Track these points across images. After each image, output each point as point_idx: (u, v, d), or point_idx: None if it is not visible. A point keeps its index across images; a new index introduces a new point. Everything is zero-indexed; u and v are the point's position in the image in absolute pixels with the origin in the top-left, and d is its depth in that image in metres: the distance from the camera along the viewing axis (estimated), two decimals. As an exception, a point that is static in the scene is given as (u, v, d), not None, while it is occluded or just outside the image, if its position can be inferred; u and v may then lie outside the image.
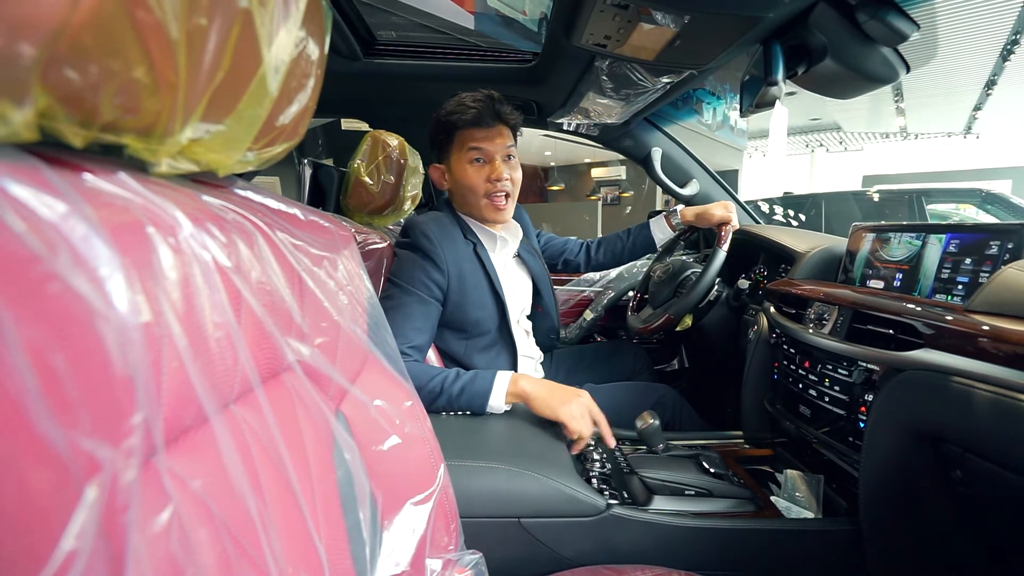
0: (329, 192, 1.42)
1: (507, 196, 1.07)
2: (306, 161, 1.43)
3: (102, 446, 0.20)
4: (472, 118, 1.02)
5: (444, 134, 1.06)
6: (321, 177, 1.43)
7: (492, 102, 1.03)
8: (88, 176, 0.25)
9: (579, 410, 0.88)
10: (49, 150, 0.24)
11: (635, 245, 1.46)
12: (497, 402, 0.92)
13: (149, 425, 0.23)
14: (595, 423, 0.90)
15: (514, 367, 1.14)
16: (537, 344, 1.29)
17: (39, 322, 0.19)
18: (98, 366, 0.21)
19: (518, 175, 1.09)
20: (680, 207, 1.44)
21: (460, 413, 0.93)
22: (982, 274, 0.77)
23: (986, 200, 4.26)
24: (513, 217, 1.23)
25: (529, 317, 1.29)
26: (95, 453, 0.20)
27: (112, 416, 0.21)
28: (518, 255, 1.23)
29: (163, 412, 0.25)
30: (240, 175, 0.42)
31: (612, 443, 0.91)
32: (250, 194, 0.42)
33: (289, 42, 0.34)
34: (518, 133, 1.11)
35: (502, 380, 0.92)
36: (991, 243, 0.77)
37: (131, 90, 0.25)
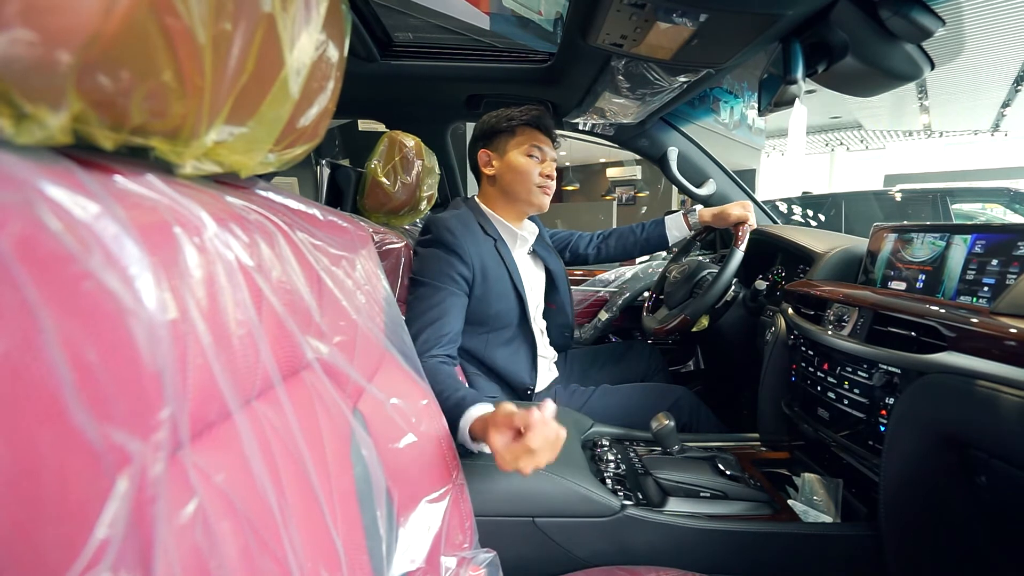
0: (346, 192, 1.44)
1: (551, 189, 1.16)
2: (324, 162, 1.44)
3: (132, 439, 0.21)
4: (540, 119, 1.14)
5: (504, 126, 1.14)
6: (338, 178, 1.45)
7: (552, 119, 1.16)
8: (118, 178, 0.26)
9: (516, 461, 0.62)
10: (81, 152, 0.25)
11: (648, 241, 1.46)
12: (464, 439, 0.75)
13: (176, 420, 0.24)
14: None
15: (534, 361, 1.15)
16: (552, 341, 1.29)
17: (75, 318, 0.19)
18: (129, 361, 0.21)
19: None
20: (699, 207, 1.43)
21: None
22: (1009, 276, 0.75)
23: (1014, 199, 4.14)
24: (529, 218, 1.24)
25: (544, 316, 1.29)
26: (126, 446, 0.20)
27: (142, 410, 0.22)
28: (533, 251, 1.24)
29: (188, 407, 0.26)
30: (260, 176, 0.43)
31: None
32: (271, 195, 0.42)
33: (310, 45, 0.35)
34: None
35: (473, 414, 0.76)
36: (1019, 244, 0.75)
37: (160, 94, 0.25)
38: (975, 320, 0.65)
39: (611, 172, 11.00)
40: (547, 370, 1.24)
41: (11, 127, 0.21)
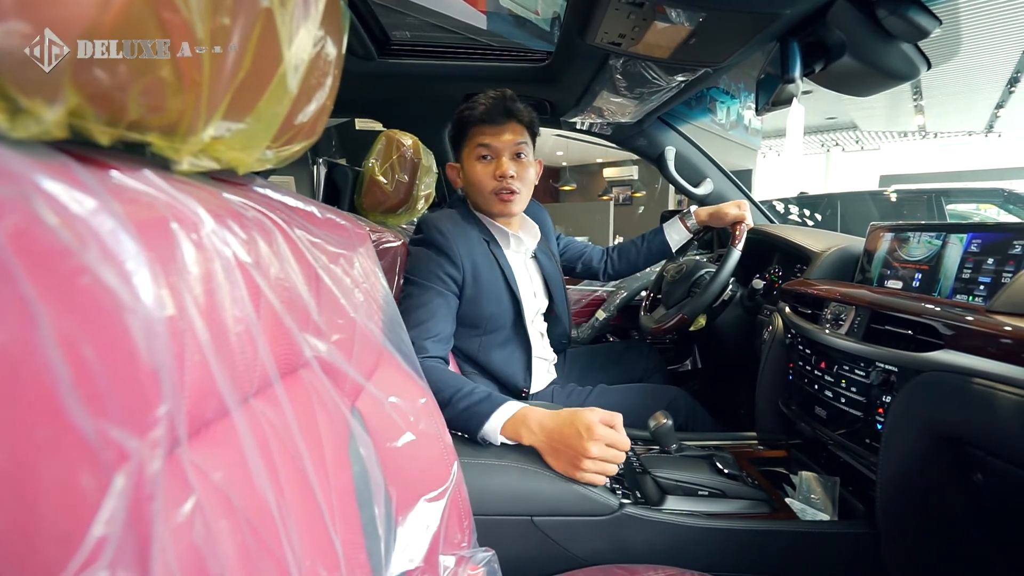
0: (343, 191, 1.44)
1: (513, 192, 1.05)
2: (320, 160, 1.44)
3: (130, 436, 0.21)
4: (481, 114, 1.02)
5: (458, 131, 1.08)
6: (335, 176, 1.45)
7: (503, 99, 1.03)
8: (115, 173, 0.26)
9: (595, 462, 0.75)
10: (77, 148, 0.25)
11: (650, 251, 1.44)
12: (492, 433, 0.80)
13: (173, 417, 0.24)
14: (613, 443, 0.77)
15: (528, 365, 1.13)
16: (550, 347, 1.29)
17: (71, 314, 0.19)
18: (126, 358, 0.21)
19: (528, 173, 1.08)
20: (694, 207, 1.43)
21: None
22: (1005, 274, 0.76)
23: (1008, 200, 4.17)
24: (534, 219, 1.22)
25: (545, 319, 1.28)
26: (123, 443, 0.20)
27: (139, 407, 0.22)
28: (534, 256, 1.23)
29: (186, 405, 0.26)
30: (257, 173, 0.43)
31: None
32: (269, 192, 0.42)
33: (308, 41, 0.35)
34: (535, 132, 1.10)
35: (504, 412, 0.81)
36: (1015, 243, 0.75)
37: (157, 89, 0.25)
38: (971, 318, 0.65)
39: (608, 172, 11.02)
40: (545, 372, 1.23)
41: (6, 121, 0.21)
